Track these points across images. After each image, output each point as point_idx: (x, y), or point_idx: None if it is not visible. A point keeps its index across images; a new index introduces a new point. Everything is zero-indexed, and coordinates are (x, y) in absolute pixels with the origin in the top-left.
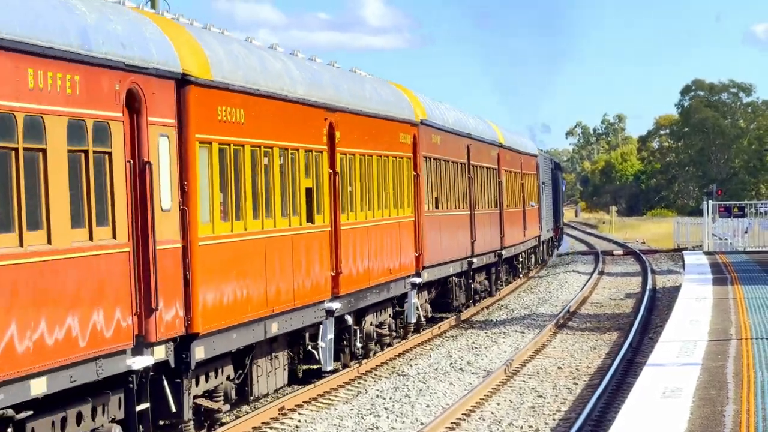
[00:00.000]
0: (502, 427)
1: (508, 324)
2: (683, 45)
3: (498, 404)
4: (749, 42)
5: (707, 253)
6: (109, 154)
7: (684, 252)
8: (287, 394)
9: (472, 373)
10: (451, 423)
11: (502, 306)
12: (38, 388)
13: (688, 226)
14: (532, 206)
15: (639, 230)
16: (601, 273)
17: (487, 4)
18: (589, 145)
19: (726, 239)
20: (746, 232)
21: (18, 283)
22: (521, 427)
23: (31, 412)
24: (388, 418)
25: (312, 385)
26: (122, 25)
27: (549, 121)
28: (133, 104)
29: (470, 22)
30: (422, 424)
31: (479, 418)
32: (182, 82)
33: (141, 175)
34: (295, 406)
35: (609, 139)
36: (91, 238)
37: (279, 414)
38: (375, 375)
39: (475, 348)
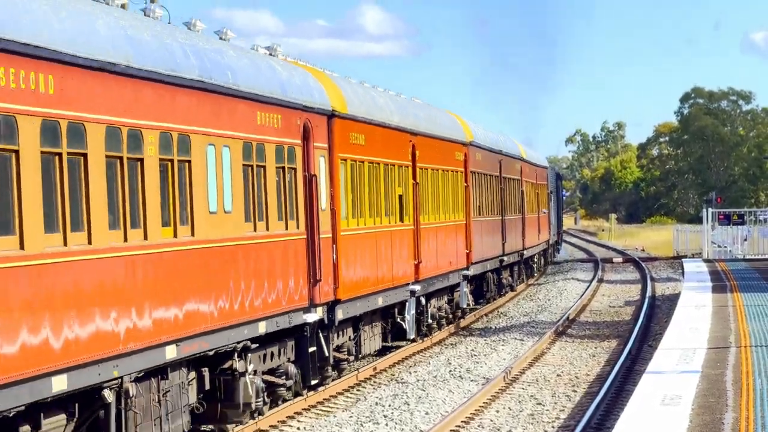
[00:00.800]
0: None
1: (508, 331)
2: (682, 52)
3: (497, 412)
4: (748, 49)
5: (707, 261)
6: (295, 169)
7: (683, 260)
8: (283, 404)
9: (471, 381)
10: (450, 430)
11: (501, 313)
12: (262, 328)
13: (688, 233)
14: (543, 213)
15: (638, 238)
16: (601, 280)
17: (486, 11)
18: (589, 153)
19: (725, 247)
20: (745, 240)
21: (250, 257)
22: None
23: (258, 345)
24: (387, 425)
25: (311, 393)
26: (298, 78)
27: (548, 128)
28: (305, 134)
29: (468, 28)
30: (421, 431)
31: (478, 426)
32: (331, 116)
33: (310, 184)
34: (294, 413)
35: (608, 146)
36: (286, 228)
37: (278, 422)
38: (374, 382)
39: (475, 355)
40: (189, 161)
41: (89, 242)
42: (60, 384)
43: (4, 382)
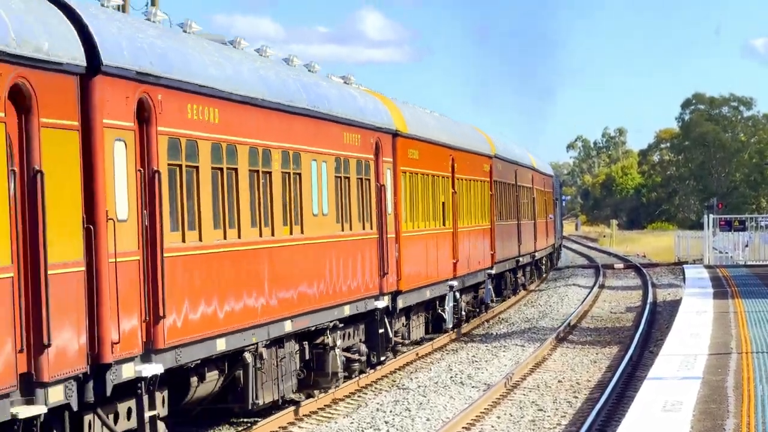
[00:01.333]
0: None
1: (509, 337)
2: (683, 58)
3: (498, 418)
4: (748, 55)
5: (708, 267)
6: (369, 179)
7: (684, 266)
8: (295, 403)
9: (473, 387)
10: None
11: (502, 319)
12: (347, 311)
13: (689, 239)
14: (550, 218)
15: (639, 244)
16: (602, 286)
17: (487, 17)
18: (590, 159)
19: (726, 253)
20: (747, 246)
21: (340, 251)
22: None
23: (342, 325)
24: (388, 431)
25: (311, 399)
26: (371, 103)
27: (549, 134)
28: (376, 150)
29: (469, 34)
30: None
31: None
32: (395, 135)
33: (380, 192)
34: (295, 419)
35: (610, 152)
36: (363, 228)
37: (279, 428)
38: (375, 388)
39: (476, 361)
40: (300, 173)
41: (239, 236)
42: (221, 345)
43: (191, 340)
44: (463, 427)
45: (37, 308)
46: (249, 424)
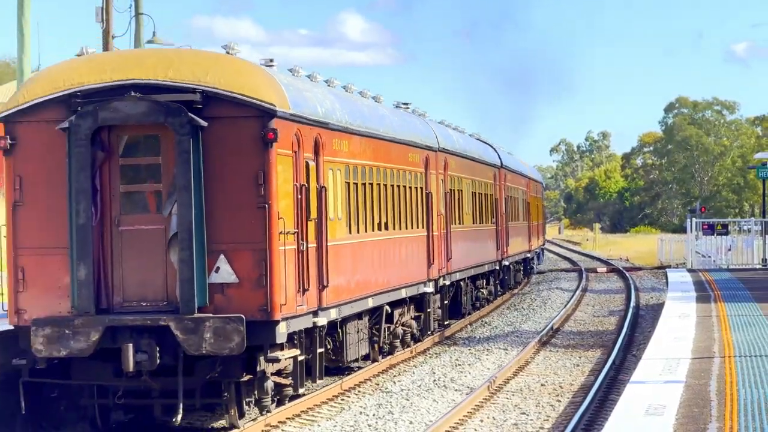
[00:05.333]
0: None
1: (492, 341)
2: (666, 62)
3: (481, 421)
4: (731, 60)
5: (691, 271)
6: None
7: (667, 269)
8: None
9: (456, 390)
10: None
11: (485, 323)
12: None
13: (672, 243)
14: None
15: (623, 247)
16: (585, 290)
17: (470, 22)
18: (573, 162)
19: (709, 257)
20: (729, 250)
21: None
22: None
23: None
24: None
25: (294, 402)
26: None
27: (532, 137)
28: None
29: (453, 39)
30: None
31: None
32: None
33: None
34: (278, 422)
35: (593, 156)
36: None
37: (261, 431)
38: (358, 391)
39: (459, 365)
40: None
41: None
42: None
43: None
44: (446, 431)
45: None
46: (233, 426)
